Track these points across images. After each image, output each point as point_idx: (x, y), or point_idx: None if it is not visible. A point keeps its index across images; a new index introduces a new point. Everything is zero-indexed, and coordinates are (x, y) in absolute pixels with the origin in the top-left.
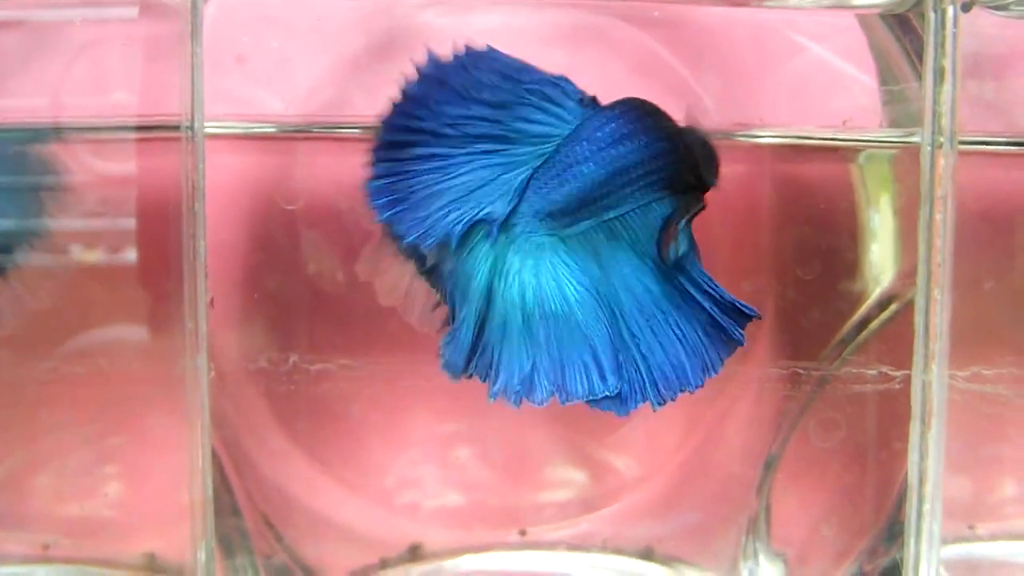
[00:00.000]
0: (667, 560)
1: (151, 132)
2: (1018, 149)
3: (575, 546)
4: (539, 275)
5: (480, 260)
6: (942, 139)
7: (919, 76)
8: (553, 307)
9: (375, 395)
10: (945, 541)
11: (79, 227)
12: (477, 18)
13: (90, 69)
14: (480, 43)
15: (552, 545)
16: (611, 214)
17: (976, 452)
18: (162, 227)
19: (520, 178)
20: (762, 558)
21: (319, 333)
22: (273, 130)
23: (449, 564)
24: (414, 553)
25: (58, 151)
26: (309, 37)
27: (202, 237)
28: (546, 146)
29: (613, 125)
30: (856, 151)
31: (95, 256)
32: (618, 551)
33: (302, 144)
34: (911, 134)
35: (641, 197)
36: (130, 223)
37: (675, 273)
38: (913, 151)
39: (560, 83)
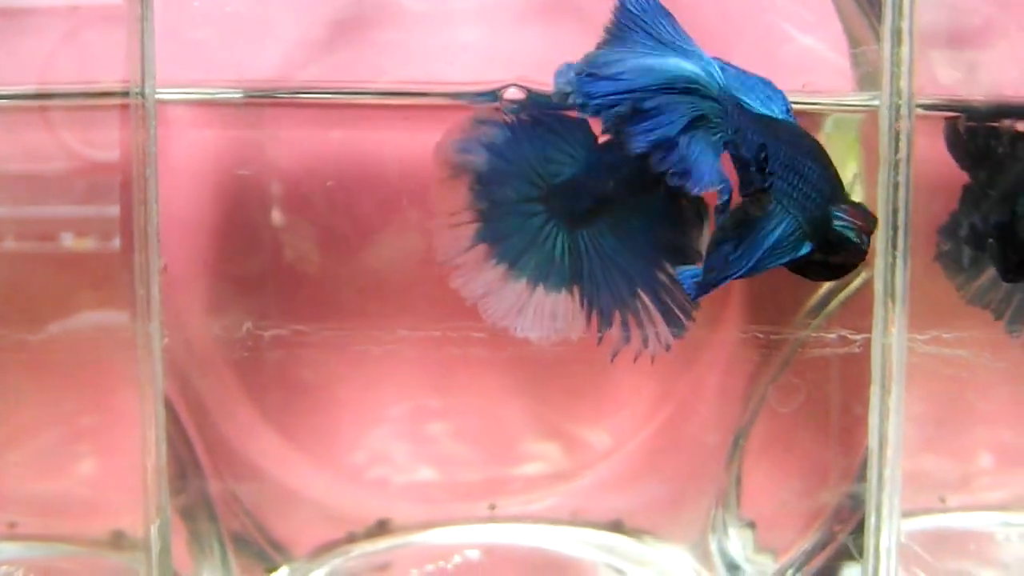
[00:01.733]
0: (636, 532)
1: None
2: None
3: (544, 519)
4: None
5: None
6: (900, 102)
7: (879, 38)
8: None
9: (343, 368)
10: (915, 513)
11: (62, 214)
12: None
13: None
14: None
15: (521, 518)
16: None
17: (945, 423)
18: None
19: None
20: (731, 529)
21: (274, 300)
22: (239, 95)
23: (418, 538)
24: (382, 528)
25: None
26: (276, 6)
27: (153, 203)
28: None
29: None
30: (823, 116)
31: (74, 241)
32: (587, 524)
33: (266, 113)
34: (873, 97)
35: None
36: (108, 207)
37: None
38: (873, 114)
39: None
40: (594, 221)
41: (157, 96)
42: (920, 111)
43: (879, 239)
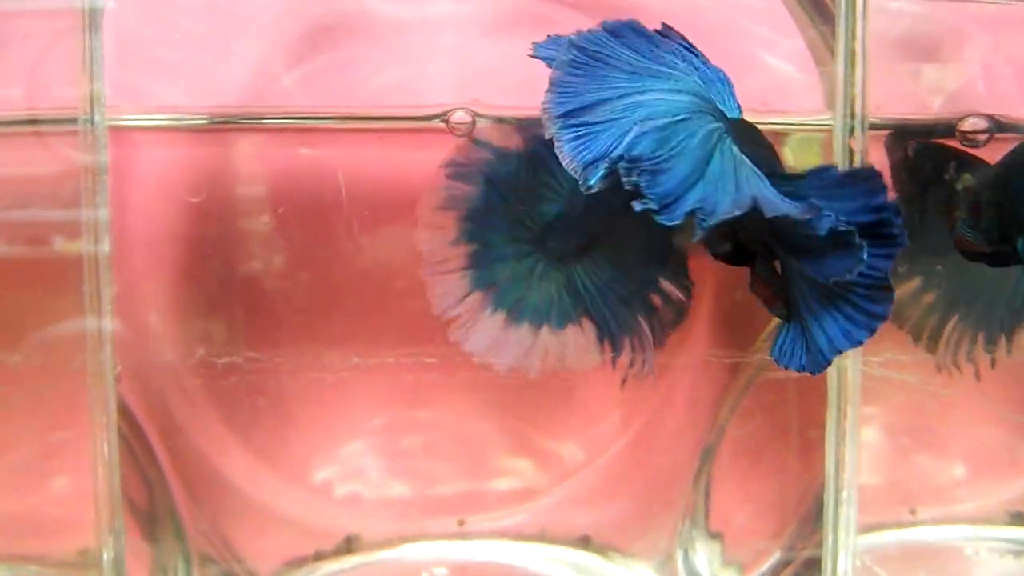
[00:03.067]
0: (603, 549)
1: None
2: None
3: (513, 535)
4: None
5: None
6: (854, 122)
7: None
8: None
9: (306, 387)
10: (886, 526)
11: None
12: (422, 6)
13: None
14: None
15: (490, 535)
16: None
17: (913, 436)
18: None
19: None
20: (698, 544)
21: (243, 319)
22: (204, 122)
23: (386, 555)
24: (351, 544)
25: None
26: (242, 24)
27: (104, 229)
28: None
29: None
30: (785, 135)
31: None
32: (555, 540)
33: (229, 134)
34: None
35: None
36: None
37: None
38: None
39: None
40: (587, 255)
41: (119, 122)
42: (874, 132)
43: None
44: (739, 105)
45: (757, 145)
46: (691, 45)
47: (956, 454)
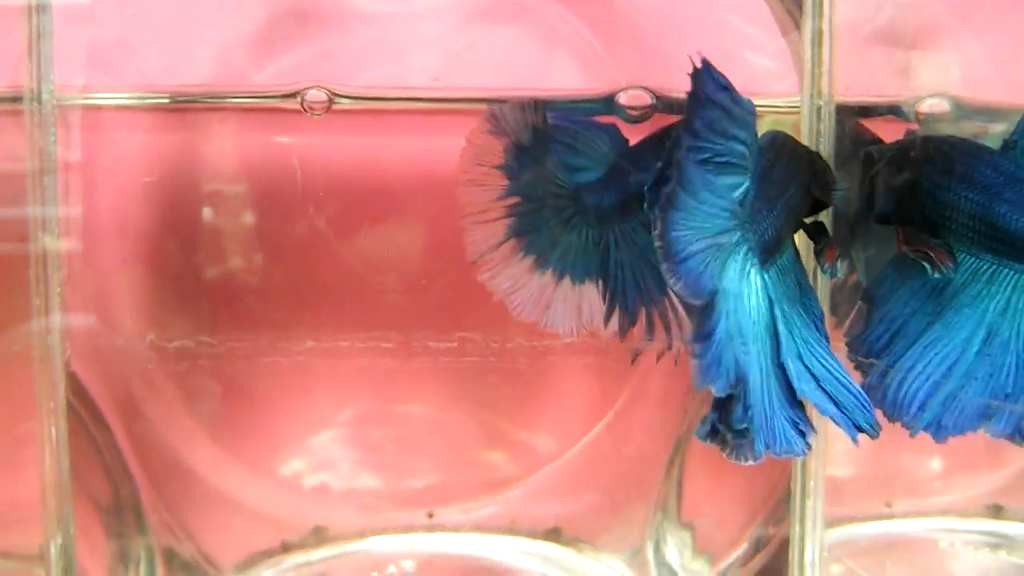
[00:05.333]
0: (573, 541)
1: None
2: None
3: (482, 528)
4: None
5: None
6: (820, 102)
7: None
8: None
9: (281, 375)
10: (861, 519)
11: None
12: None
13: None
14: None
15: (459, 527)
16: None
17: (888, 428)
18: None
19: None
20: (669, 536)
21: (211, 308)
22: (166, 101)
23: (354, 547)
24: (318, 536)
25: None
26: (207, 8)
27: (52, 209)
28: None
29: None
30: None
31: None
32: (525, 533)
33: (199, 118)
34: (792, 95)
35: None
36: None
37: None
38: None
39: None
40: (627, 217)
41: (70, 101)
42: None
43: (800, 244)
44: None
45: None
46: None
47: (932, 447)
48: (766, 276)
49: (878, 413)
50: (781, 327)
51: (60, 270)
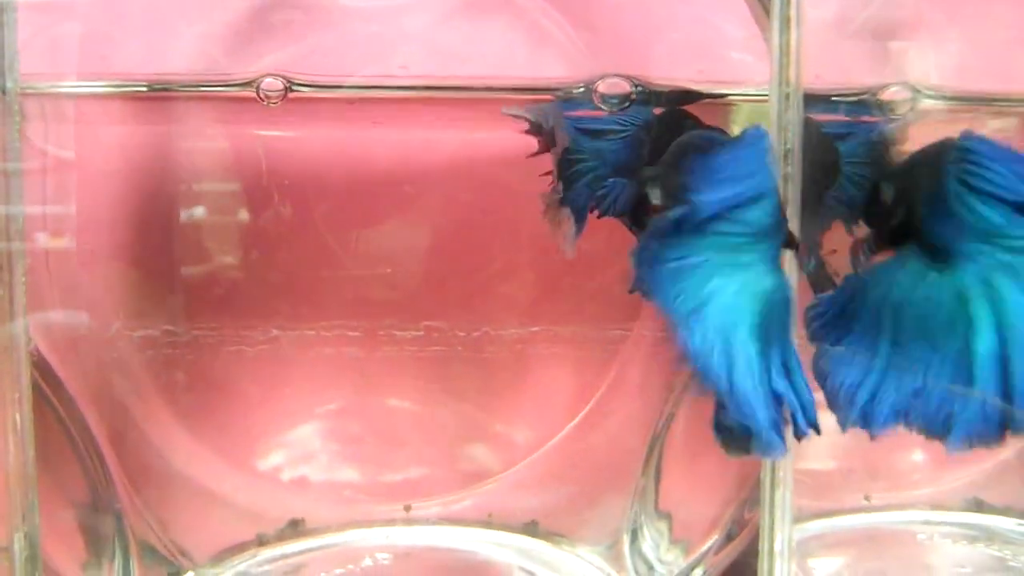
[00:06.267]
0: (550, 535)
1: None
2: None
3: (459, 521)
4: None
5: None
6: (788, 91)
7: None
8: None
9: (258, 367)
10: (840, 512)
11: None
12: None
13: None
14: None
15: (437, 520)
16: None
17: None
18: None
19: None
20: (646, 528)
21: (191, 298)
22: (144, 89)
23: (331, 540)
24: (295, 528)
25: None
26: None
27: (18, 200)
28: None
29: None
30: (733, 107)
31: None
32: (502, 526)
33: (179, 109)
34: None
35: None
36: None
37: None
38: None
39: None
40: None
41: (37, 89)
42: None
43: None
44: None
45: None
46: None
47: (913, 440)
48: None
49: None
50: (767, 324)
51: (23, 261)
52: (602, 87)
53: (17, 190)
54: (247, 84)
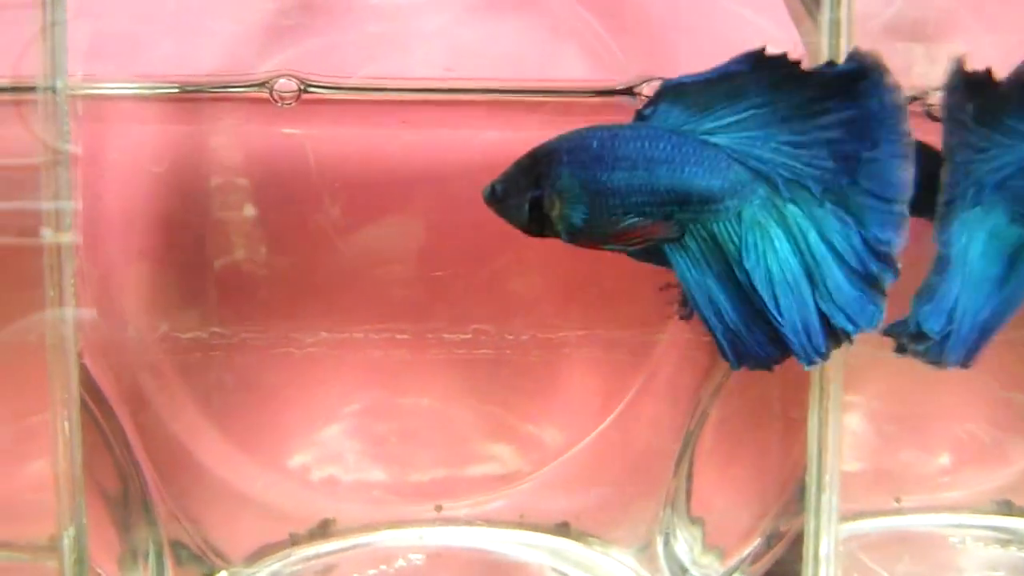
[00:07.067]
0: (582, 535)
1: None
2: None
3: (491, 521)
4: None
5: None
6: None
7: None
8: None
9: (289, 368)
10: (870, 514)
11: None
12: None
13: None
14: None
15: (468, 521)
16: None
17: (898, 424)
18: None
19: None
20: (679, 531)
21: (220, 300)
22: (182, 90)
23: (362, 540)
24: (326, 529)
25: None
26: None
27: (66, 198)
28: None
29: None
30: None
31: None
32: (534, 527)
33: (205, 109)
34: None
35: None
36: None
37: None
38: None
39: None
40: None
41: (84, 91)
42: None
43: None
44: None
45: None
46: None
47: (942, 442)
48: None
49: None
50: None
51: (73, 261)
52: (647, 89)
53: (66, 187)
54: (260, 85)
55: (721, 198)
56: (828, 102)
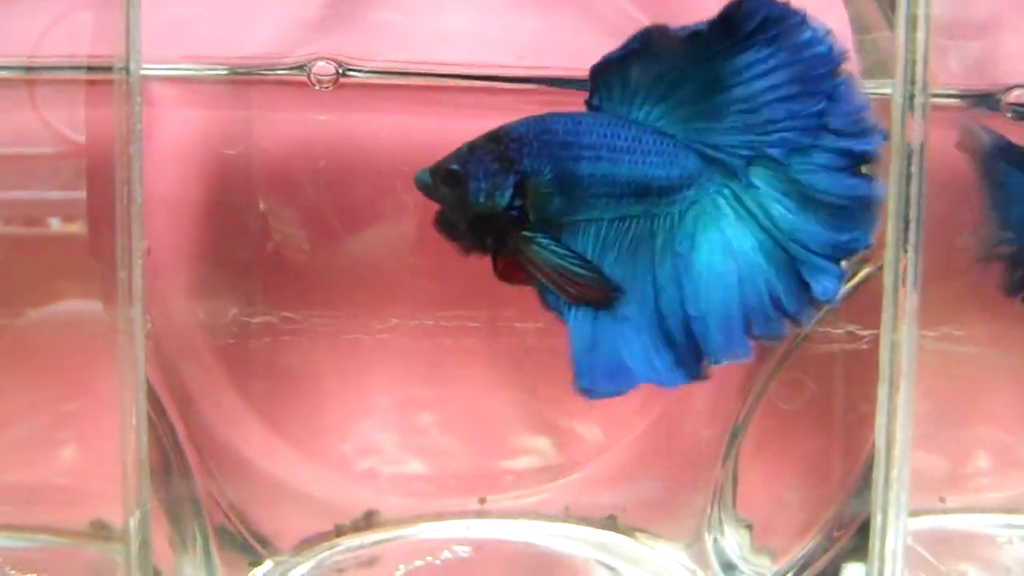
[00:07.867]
0: (630, 530)
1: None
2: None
3: (536, 514)
4: None
5: None
6: (914, 91)
7: (891, 24)
8: None
9: (331, 357)
10: (915, 513)
11: (53, 198)
12: None
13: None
14: None
15: (512, 514)
16: None
17: (948, 421)
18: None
19: None
20: (727, 528)
21: (261, 287)
22: (224, 72)
23: (406, 532)
24: (369, 520)
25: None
26: None
27: (137, 182)
28: None
29: None
30: None
31: (59, 226)
32: (580, 520)
33: (256, 92)
34: (882, 85)
35: None
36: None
37: None
38: (884, 104)
39: None
40: None
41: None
42: (934, 100)
43: (889, 232)
44: None
45: None
46: None
47: (986, 442)
48: None
49: None
50: None
51: (142, 243)
52: None
53: (137, 172)
54: (297, 68)
55: (679, 188)
56: (751, 59)
